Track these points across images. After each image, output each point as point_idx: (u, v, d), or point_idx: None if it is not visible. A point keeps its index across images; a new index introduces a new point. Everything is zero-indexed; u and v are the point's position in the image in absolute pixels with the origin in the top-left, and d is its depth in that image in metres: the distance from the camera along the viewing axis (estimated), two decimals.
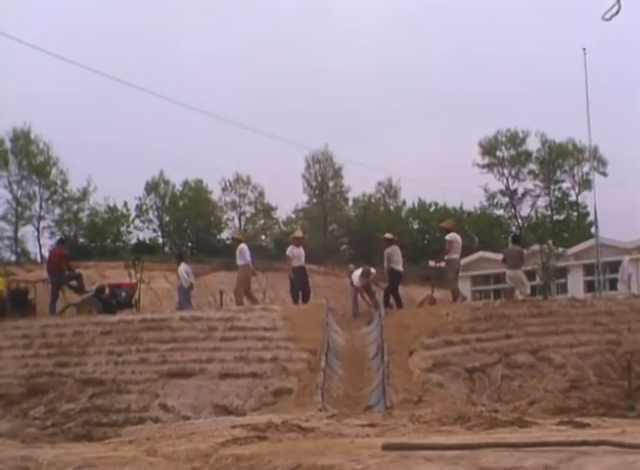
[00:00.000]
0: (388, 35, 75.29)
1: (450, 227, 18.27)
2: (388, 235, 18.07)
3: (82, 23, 67.42)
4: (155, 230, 54.71)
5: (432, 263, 25.34)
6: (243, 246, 18.06)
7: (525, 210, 57.62)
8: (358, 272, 17.28)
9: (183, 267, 19.34)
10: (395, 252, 17.42)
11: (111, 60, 52.67)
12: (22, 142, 47.76)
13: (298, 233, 19.65)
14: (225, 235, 54.41)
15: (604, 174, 52.55)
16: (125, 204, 53.20)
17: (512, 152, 56.31)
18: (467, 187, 65.71)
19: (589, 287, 29.09)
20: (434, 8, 74.31)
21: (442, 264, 17.99)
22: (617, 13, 10.58)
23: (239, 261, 17.90)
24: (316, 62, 72.92)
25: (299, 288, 18.01)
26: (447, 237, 17.40)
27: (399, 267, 17.35)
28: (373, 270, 17.55)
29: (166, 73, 64.76)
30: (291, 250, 18.06)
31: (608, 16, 10.67)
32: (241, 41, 72.67)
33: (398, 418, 9.49)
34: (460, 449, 5.20)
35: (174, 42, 71.82)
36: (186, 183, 54.66)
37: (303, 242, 19.09)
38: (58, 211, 49.58)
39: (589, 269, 28.90)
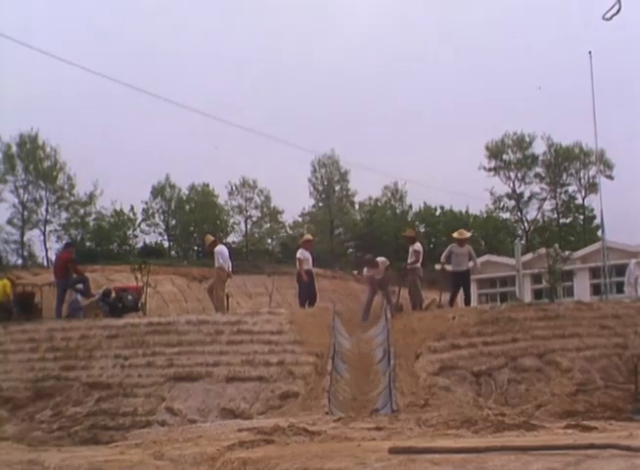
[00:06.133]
0: (394, 40, 75.34)
1: (415, 236, 18.65)
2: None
3: (86, 25, 67.72)
4: (161, 234, 54.96)
5: (437, 267, 25.38)
6: (219, 248, 18.09)
7: (531, 213, 57.64)
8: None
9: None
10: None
11: (118, 64, 52.83)
12: (29, 147, 47.91)
13: (308, 236, 19.67)
14: (232, 239, 54.51)
15: (610, 178, 52.48)
16: (132, 208, 53.50)
17: (518, 155, 56.24)
18: (473, 190, 65.61)
19: (595, 290, 28.99)
20: (437, 11, 74.44)
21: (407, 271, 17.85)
22: (617, 12, 10.60)
23: (216, 264, 17.91)
24: (320, 65, 73.04)
25: (307, 292, 18.00)
26: (416, 247, 17.39)
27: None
28: (380, 259, 17.43)
29: (173, 77, 64.99)
30: (302, 253, 18.03)
31: (608, 15, 10.70)
32: (245, 46, 72.90)
33: (405, 422, 9.48)
34: (467, 453, 5.20)
35: (181, 47, 72.04)
36: (192, 187, 54.84)
37: (312, 245, 19.09)
38: (64, 215, 49.80)
39: (595, 272, 28.78)
